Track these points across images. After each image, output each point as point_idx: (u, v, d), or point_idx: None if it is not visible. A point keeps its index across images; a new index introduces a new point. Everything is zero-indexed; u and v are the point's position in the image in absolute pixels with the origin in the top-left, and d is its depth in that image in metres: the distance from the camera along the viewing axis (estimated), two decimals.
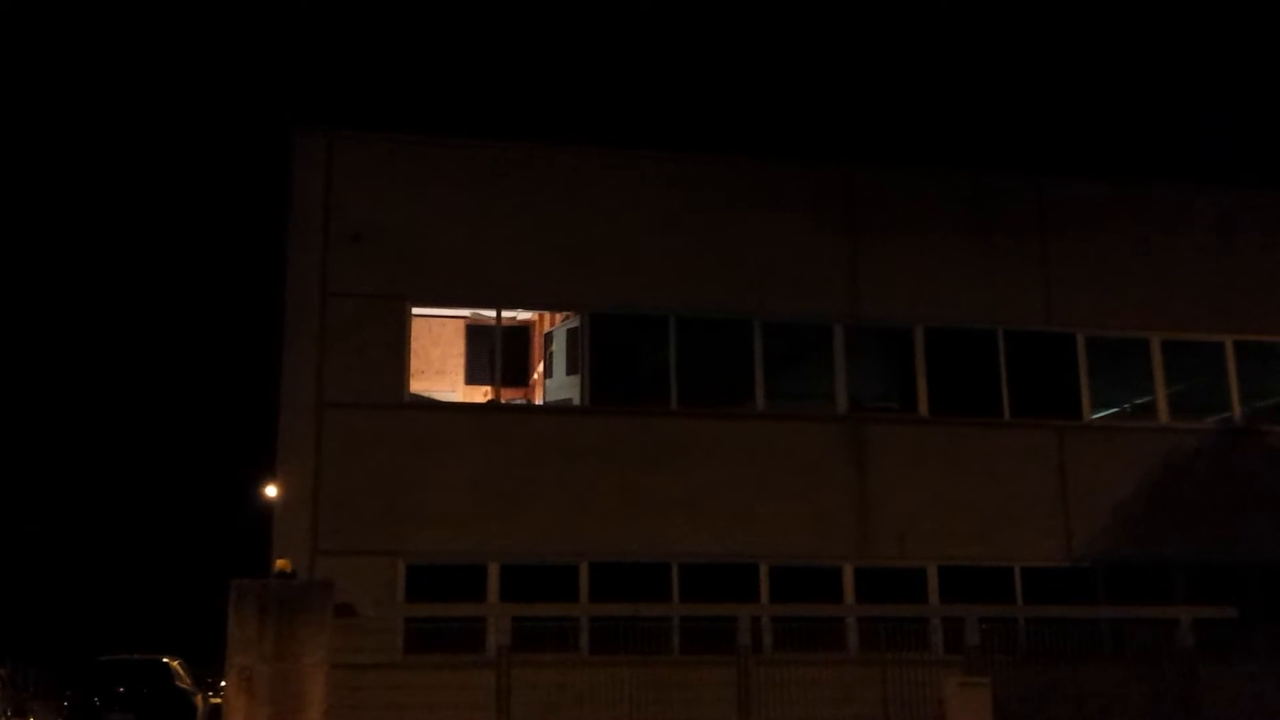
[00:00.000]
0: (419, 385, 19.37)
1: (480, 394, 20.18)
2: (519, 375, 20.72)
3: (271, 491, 20.57)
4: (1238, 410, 20.11)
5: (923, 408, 19.18)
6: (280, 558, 15.05)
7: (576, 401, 18.55)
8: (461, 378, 20.85)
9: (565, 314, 19.15)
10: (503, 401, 19.06)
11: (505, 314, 19.14)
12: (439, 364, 20.78)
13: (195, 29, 79.09)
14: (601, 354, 18.62)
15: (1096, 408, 19.85)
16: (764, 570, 18.03)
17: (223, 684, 15.95)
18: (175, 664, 25.71)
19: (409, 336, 18.24)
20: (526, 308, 19.58)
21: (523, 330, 20.66)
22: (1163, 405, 19.83)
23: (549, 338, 19.66)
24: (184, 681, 25.50)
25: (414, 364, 18.69)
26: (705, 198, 19.34)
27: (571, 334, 18.95)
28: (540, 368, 20.18)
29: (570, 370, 18.90)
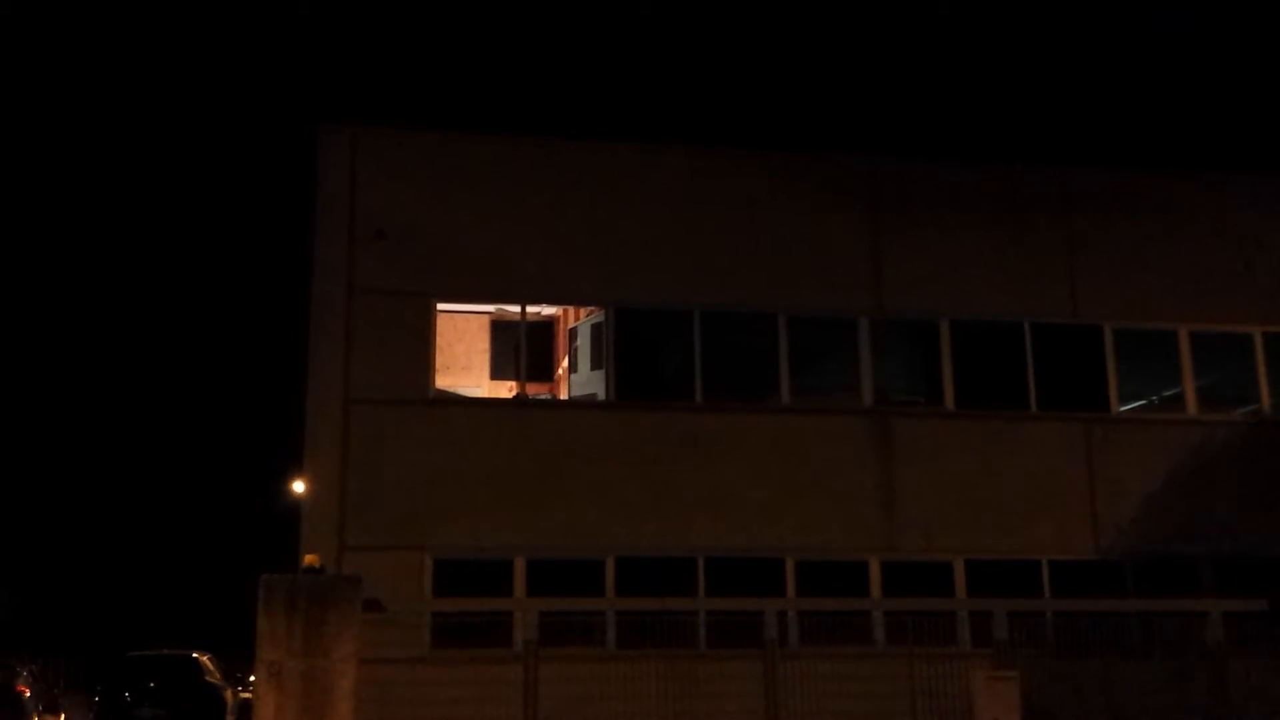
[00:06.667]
0: (444, 381, 19.42)
1: (505, 389, 20.22)
2: (544, 370, 20.78)
3: (299, 487, 20.72)
4: (1267, 402, 19.96)
5: (949, 401, 19.12)
6: (308, 553, 15.13)
7: (601, 396, 18.56)
8: (486, 373, 20.91)
9: (590, 309, 19.16)
10: (528, 397, 19.11)
11: (530, 309, 19.15)
12: (464, 360, 20.84)
13: (220, 24, 79.46)
14: (626, 349, 18.62)
15: (1124, 400, 19.74)
16: (790, 564, 18.02)
17: (252, 679, 16.07)
18: (205, 659, 25.86)
19: (434, 332, 18.28)
20: (551, 303, 19.64)
21: (547, 325, 20.70)
22: (1191, 397, 19.71)
23: (573, 333, 19.67)
24: (214, 676, 25.65)
25: (439, 360, 18.71)
26: (729, 192, 19.30)
27: (596, 329, 18.95)
28: (565, 363, 20.20)
29: (595, 365, 18.90)
